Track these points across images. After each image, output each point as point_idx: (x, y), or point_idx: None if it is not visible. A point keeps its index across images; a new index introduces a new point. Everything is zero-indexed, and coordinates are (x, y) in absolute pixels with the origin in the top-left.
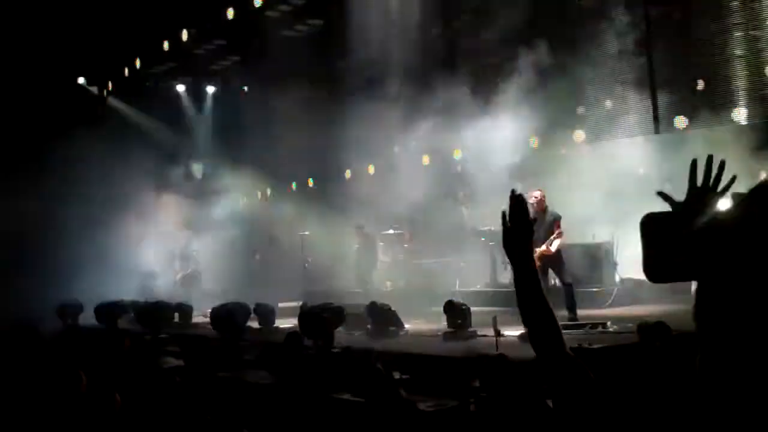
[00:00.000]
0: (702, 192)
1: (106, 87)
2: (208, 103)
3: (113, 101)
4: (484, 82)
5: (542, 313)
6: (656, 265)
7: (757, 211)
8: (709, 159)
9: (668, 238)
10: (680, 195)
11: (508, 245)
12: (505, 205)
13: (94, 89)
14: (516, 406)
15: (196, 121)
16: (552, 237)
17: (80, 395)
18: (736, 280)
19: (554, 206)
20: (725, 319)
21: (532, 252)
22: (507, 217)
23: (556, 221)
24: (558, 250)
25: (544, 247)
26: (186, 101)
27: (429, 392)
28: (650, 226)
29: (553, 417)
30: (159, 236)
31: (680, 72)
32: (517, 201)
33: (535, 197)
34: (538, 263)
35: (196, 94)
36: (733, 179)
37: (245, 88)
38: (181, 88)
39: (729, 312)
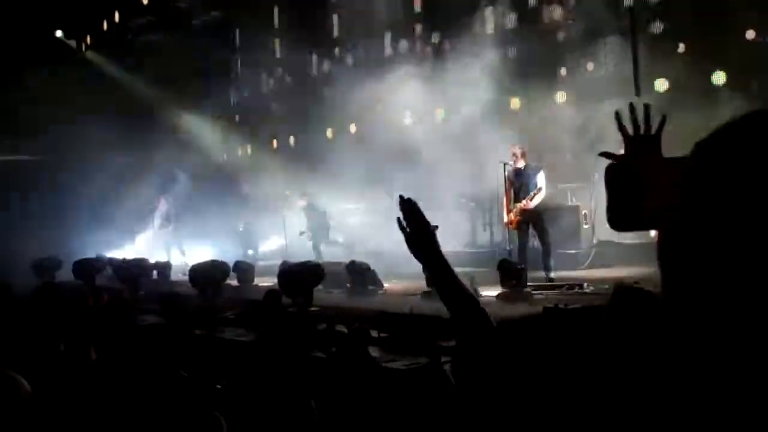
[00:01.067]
0: (640, 139)
1: (84, 40)
2: None
3: (91, 55)
4: (466, 41)
5: (464, 301)
6: (619, 213)
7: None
8: (632, 107)
9: (631, 187)
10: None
11: (412, 248)
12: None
13: (72, 42)
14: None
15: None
16: (533, 192)
17: (57, 354)
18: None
19: (536, 160)
20: (689, 267)
21: (437, 246)
22: (403, 223)
23: (539, 174)
24: (539, 209)
25: (524, 202)
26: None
27: (406, 351)
28: (614, 175)
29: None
30: (139, 193)
31: (662, 35)
32: (408, 205)
33: (514, 153)
34: (518, 218)
35: None
36: (663, 119)
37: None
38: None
39: (692, 261)
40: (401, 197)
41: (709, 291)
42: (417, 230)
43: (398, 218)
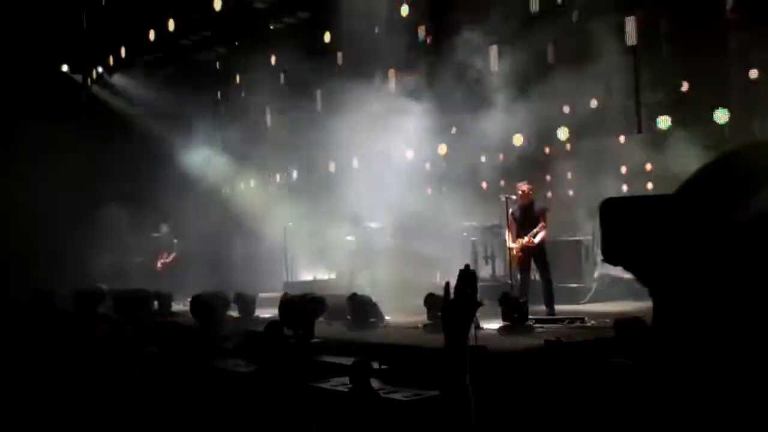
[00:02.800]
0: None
1: (90, 75)
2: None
3: (97, 89)
4: (470, 80)
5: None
6: (612, 245)
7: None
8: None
9: (625, 221)
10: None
11: (448, 317)
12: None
13: (78, 77)
14: (495, 397)
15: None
16: (536, 230)
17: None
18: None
19: (541, 201)
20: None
21: (468, 329)
22: (453, 290)
23: (542, 214)
24: (541, 244)
25: (527, 239)
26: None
27: (408, 383)
28: (609, 209)
29: (534, 407)
30: (142, 224)
31: (665, 73)
32: (467, 275)
33: (523, 190)
34: (520, 255)
35: None
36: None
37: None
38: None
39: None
40: (466, 266)
41: (691, 319)
42: (462, 304)
43: (447, 283)
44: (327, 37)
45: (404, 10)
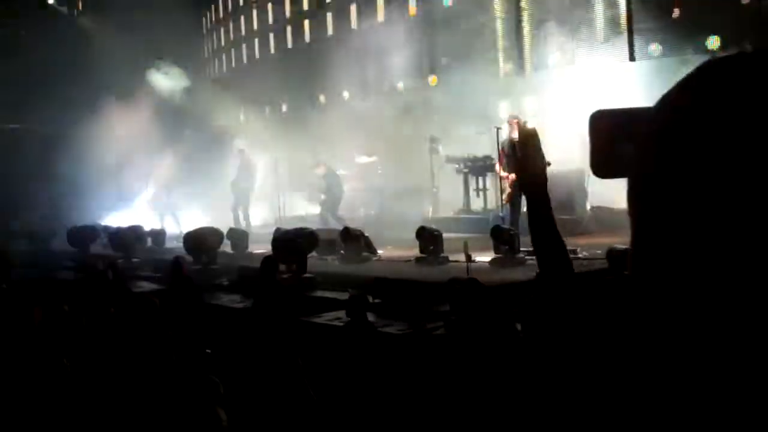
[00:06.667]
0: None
1: (76, 6)
2: None
3: (83, 20)
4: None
5: (555, 245)
6: (602, 159)
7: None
8: None
9: (613, 133)
10: None
11: (523, 174)
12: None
13: (64, 9)
14: (485, 329)
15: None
16: None
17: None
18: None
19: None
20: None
21: (545, 181)
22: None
23: None
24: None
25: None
26: None
27: (400, 316)
28: (598, 121)
29: (521, 340)
30: (134, 160)
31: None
32: (527, 132)
33: (512, 123)
34: (513, 189)
35: None
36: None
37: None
38: None
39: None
40: (524, 123)
41: (670, 237)
42: (531, 159)
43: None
44: None
45: None
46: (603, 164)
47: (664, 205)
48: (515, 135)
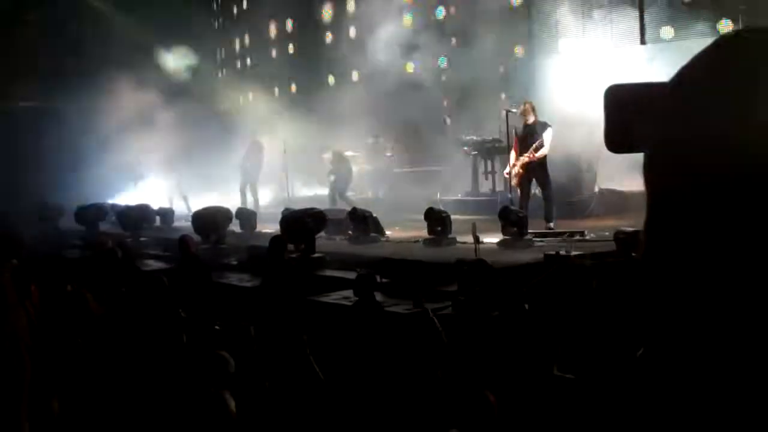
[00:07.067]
0: None
1: None
2: None
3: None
4: None
5: None
6: (617, 133)
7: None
8: None
9: (628, 107)
10: None
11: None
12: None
13: None
14: (493, 309)
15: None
16: (536, 144)
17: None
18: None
19: (544, 117)
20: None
21: None
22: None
23: (545, 132)
24: (542, 160)
25: (528, 155)
26: None
27: (408, 296)
28: (613, 95)
29: (529, 320)
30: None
31: None
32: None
33: (524, 108)
34: (521, 172)
35: None
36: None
37: None
38: None
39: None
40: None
41: (683, 217)
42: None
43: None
44: None
45: None
46: (618, 138)
47: (682, 181)
48: (529, 119)
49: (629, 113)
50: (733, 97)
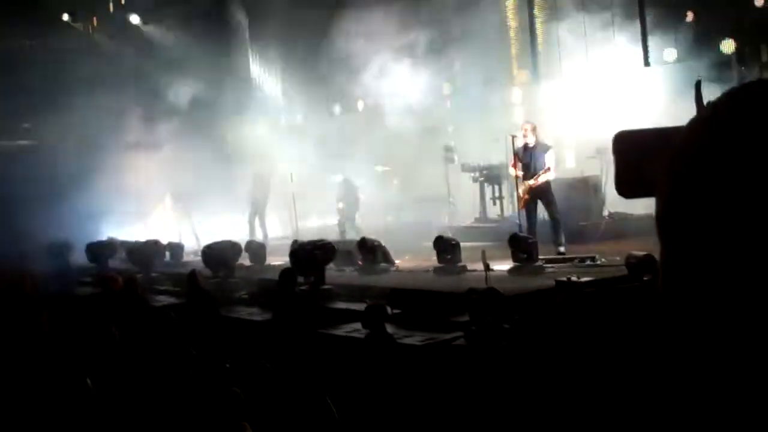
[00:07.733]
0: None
1: (91, 23)
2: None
3: (98, 37)
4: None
5: None
6: (626, 179)
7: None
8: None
9: (638, 153)
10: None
11: None
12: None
13: (79, 26)
14: (505, 338)
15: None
16: (541, 171)
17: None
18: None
19: (545, 139)
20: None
21: None
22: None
23: (547, 154)
24: (548, 184)
25: (532, 181)
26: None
27: (420, 327)
28: (621, 142)
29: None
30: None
31: (670, 4)
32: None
33: (525, 129)
34: (526, 196)
35: None
36: (698, 84)
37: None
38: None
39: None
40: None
41: (697, 255)
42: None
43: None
44: None
45: None
46: (627, 184)
47: (697, 231)
48: (530, 141)
49: (638, 160)
50: (746, 150)
